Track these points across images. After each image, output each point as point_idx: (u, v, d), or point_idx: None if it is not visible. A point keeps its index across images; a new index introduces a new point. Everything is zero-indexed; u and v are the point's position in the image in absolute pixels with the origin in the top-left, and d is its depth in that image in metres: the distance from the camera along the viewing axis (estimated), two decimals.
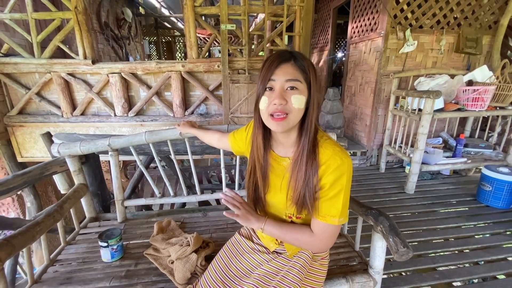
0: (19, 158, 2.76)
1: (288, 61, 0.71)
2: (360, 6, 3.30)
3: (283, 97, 0.70)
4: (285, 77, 0.70)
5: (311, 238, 0.79)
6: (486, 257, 1.72)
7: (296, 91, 0.71)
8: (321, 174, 0.74)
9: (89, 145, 1.34)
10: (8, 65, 2.47)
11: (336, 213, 0.75)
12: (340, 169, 0.72)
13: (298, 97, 0.70)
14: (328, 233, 0.78)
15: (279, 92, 0.70)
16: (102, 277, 1.04)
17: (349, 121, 3.72)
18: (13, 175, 1.28)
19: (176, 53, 8.07)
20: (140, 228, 1.38)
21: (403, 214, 2.26)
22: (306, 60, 0.73)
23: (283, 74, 0.70)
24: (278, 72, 0.71)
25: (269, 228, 0.83)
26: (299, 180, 0.75)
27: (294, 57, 0.72)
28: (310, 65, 0.73)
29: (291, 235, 0.81)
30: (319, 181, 0.75)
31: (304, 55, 0.74)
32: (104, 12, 4.27)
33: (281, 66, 0.71)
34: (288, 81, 0.70)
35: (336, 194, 0.74)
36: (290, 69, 0.70)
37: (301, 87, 0.71)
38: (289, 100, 0.70)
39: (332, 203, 0.75)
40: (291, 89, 0.71)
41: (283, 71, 0.70)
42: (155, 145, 1.41)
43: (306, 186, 0.74)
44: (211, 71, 2.63)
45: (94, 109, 2.76)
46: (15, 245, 0.87)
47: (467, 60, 3.01)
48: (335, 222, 0.75)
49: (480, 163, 2.56)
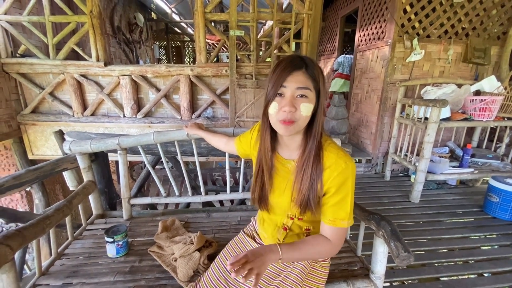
0: (30, 155, 2.84)
1: (300, 69, 0.72)
2: (367, 15, 3.34)
3: (293, 105, 0.71)
4: (296, 85, 0.71)
5: (328, 245, 0.78)
6: (491, 269, 1.69)
7: (305, 99, 0.72)
8: (326, 178, 0.75)
9: (99, 144, 1.38)
10: (24, 65, 2.57)
11: (345, 216, 0.77)
12: (345, 173, 0.74)
13: (307, 105, 0.72)
14: (339, 235, 0.79)
15: (289, 100, 0.71)
16: (107, 272, 1.07)
17: (354, 128, 3.72)
18: (26, 170, 1.33)
19: (185, 58, 8.22)
20: (145, 226, 1.41)
21: (408, 222, 2.24)
22: (316, 67, 0.74)
23: (294, 81, 0.71)
24: (290, 79, 0.71)
25: (288, 254, 0.73)
26: (304, 182, 0.77)
27: (305, 65, 0.73)
28: (320, 73, 0.74)
29: (312, 250, 0.77)
30: (323, 185, 0.76)
31: (315, 61, 0.75)
32: (117, 17, 4.41)
33: (293, 73, 0.71)
34: (299, 89, 0.71)
35: (343, 197, 0.76)
36: (301, 77, 0.71)
37: (310, 95, 0.72)
38: (298, 107, 0.71)
39: (340, 206, 0.76)
40: (300, 96, 0.72)
41: (294, 78, 0.71)
42: (162, 146, 1.45)
43: (311, 189, 0.76)
44: (219, 76, 2.69)
45: (104, 109, 2.83)
46: (26, 236, 0.91)
47: (475, 70, 3.00)
48: (344, 225, 0.77)
49: (487, 174, 2.52)
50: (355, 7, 3.69)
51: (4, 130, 2.58)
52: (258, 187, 0.88)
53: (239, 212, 1.59)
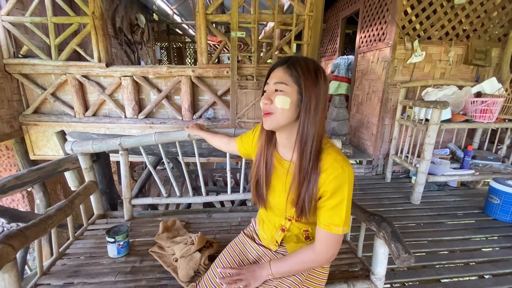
0: (31, 155, 2.85)
1: (281, 65, 0.76)
2: (368, 17, 3.35)
3: (268, 98, 0.77)
4: (274, 80, 0.76)
5: (314, 252, 0.80)
6: (492, 271, 1.68)
7: (280, 92, 0.75)
8: (322, 181, 0.75)
9: (101, 144, 1.38)
10: (27, 66, 2.58)
11: (340, 222, 0.76)
12: (341, 178, 0.74)
13: (281, 97, 0.74)
14: (333, 241, 0.78)
15: (267, 94, 0.78)
16: (108, 272, 1.07)
17: (355, 129, 3.72)
18: (28, 170, 1.34)
19: (186, 59, 8.24)
20: (146, 227, 1.41)
21: (408, 224, 2.23)
22: (301, 63, 0.73)
23: (274, 77, 0.77)
24: (271, 75, 0.78)
25: (276, 268, 0.83)
26: (300, 184, 0.77)
27: (289, 61, 0.75)
28: (305, 69, 0.73)
29: (297, 260, 0.82)
30: (319, 188, 0.76)
31: (305, 59, 0.76)
32: (119, 18, 4.43)
33: (274, 70, 0.77)
34: (276, 84, 0.76)
35: (339, 203, 0.75)
36: (279, 73, 0.76)
37: (286, 89, 0.74)
38: (273, 100, 0.76)
39: (335, 212, 0.76)
40: (276, 91, 0.76)
41: (274, 74, 0.77)
42: (163, 146, 1.45)
43: (307, 191, 0.76)
44: (220, 77, 2.69)
45: (106, 110, 2.84)
46: (28, 236, 0.91)
47: (476, 71, 3.00)
48: (339, 232, 0.76)
49: (488, 175, 2.52)
50: (356, 9, 3.70)
51: (6, 130, 2.59)
52: (256, 185, 0.90)
53: (239, 213, 1.59)
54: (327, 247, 0.79)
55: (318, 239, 0.80)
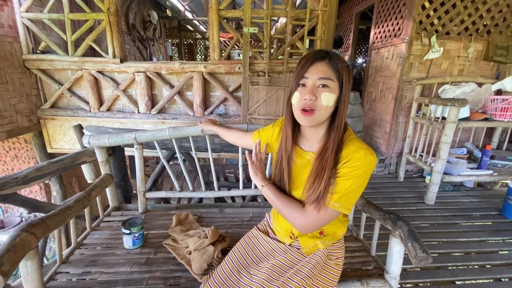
0: (49, 149, 2.94)
1: (322, 60, 0.74)
2: (383, 12, 3.26)
3: (313, 93, 0.73)
4: (318, 75, 0.73)
5: (300, 212, 0.79)
6: (510, 274, 1.63)
7: (327, 89, 0.73)
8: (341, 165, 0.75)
9: (117, 138, 1.41)
10: (44, 61, 2.65)
11: (343, 201, 0.74)
12: (362, 160, 0.73)
13: (327, 94, 0.73)
14: (323, 214, 0.76)
15: (310, 89, 0.74)
16: (124, 262, 1.10)
17: (368, 127, 3.66)
18: (48, 162, 1.38)
19: (197, 55, 8.27)
20: (159, 220, 1.43)
21: (422, 224, 2.19)
22: (340, 60, 0.75)
23: (316, 72, 0.73)
24: (312, 70, 0.74)
25: (268, 190, 0.88)
26: (320, 175, 0.76)
27: (329, 56, 0.74)
28: (344, 65, 0.75)
29: (283, 203, 0.84)
30: (338, 170, 0.75)
31: (339, 55, 0.77)
32: (132, 14, 4.48)
33: (315, 64, 0.74)
34: (320, 79, 0.73)
35: (351, 183, 0.73)
36: (323, 68, 0.73)
37: (332, 85, 0.73)
38: (319, 97, 0.73)
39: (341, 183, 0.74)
40: (322, 86, 0.73)
41: (316, 69, 0.74)
42: (177, 141, 1.47)
43: (325, 180, 0.75)
44: (231, 73, 2.69)
45: (119, 105, 2.89)
46: (49, 225, 0.94)
47: (496, 68, 2.89)
48: (335, 207, 0.75)
49: (507, 176, 2.43)
50: (370, 4, 3.61)
51: (25, 124, 2.68)
52: (278, 179, 0.90)
53: (251, 208, 1.60)
54: (315, 216, 0.77)
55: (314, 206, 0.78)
